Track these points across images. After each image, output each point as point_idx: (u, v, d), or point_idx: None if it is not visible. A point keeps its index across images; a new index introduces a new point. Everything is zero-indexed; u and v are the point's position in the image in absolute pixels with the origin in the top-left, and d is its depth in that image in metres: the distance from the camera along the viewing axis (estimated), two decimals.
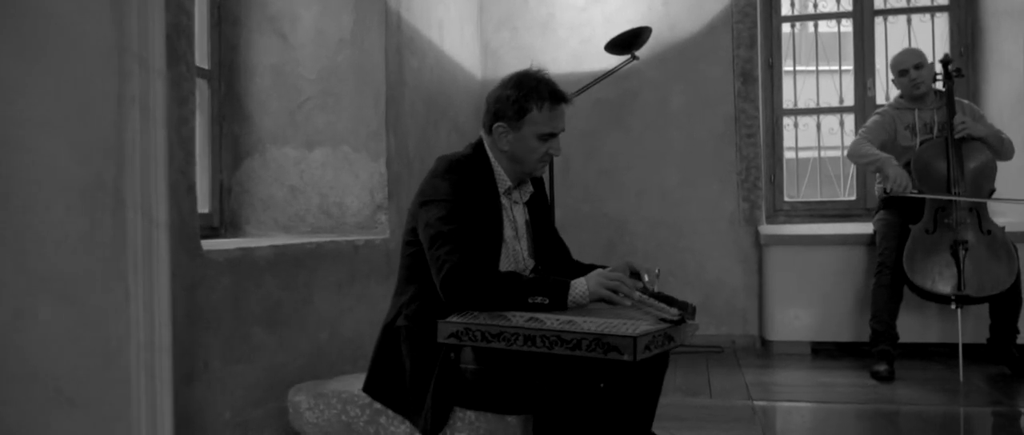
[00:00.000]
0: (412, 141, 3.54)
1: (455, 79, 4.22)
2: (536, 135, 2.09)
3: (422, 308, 2.08)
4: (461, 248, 1.92)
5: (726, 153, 4.50)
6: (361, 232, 3.22)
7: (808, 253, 4.16)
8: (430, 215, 2.00)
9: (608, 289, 1.92)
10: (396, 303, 2.16)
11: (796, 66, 5.24)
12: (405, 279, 2.16)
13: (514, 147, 2.10)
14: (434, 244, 1.96)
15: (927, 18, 4.91)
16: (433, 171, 2.09)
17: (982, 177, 3.66)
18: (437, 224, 1.97)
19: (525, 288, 1.90)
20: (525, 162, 2.12)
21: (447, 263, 1.90)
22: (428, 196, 2.04)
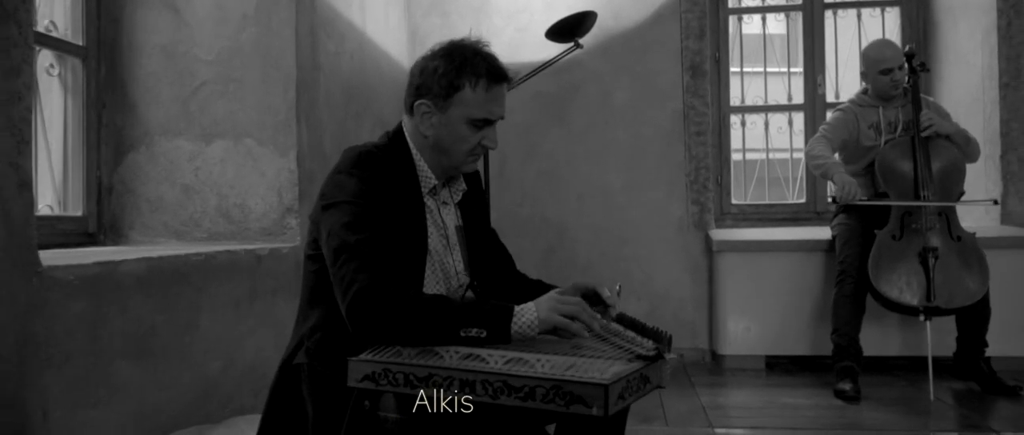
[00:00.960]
0: (328, 135, 3.09)
1: (379, 67, 3.78)
2: (467, 120, 1.68)
3: (328, 340, 1.65)
4: (372, 264, 1.51)
5: (674, 153, 4.17)
6: (267, 239, 2.76)
7: (761, 260, 3.86)
8: (333, 221, 1.58)
9: (564, 317, 1.52)
10: (297, 333, 1.73)
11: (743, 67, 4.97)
12: (308, 302, 1.73)
13: (439, 133, 1.70)
14: (338, 259, 1.54)
15: (877, 13, 4.70)
16: (338, 165, 1.67)
17: (951, 178, 3.42)
18: (342, 233, 1.55)
19: (456, 316, 1.48)
20: (451, 153, 1.72)
21: (355, 284, 1.49)
22: (331, 197, 1.62)
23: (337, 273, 1.53)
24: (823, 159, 3.50)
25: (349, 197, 1.60)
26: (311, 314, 1.70)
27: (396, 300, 1.49)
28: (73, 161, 2.66)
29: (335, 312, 1.61)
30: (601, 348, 1.52)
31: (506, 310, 1.51)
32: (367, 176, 1.62)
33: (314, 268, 1.71)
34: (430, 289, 1.73)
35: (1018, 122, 3.93)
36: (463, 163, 1.74)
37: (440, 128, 1.69)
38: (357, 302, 1.48)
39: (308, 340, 1.68)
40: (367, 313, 1.48)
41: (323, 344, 1.66)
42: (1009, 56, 3.93)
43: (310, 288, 1.73)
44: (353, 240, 1.54)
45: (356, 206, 1.58)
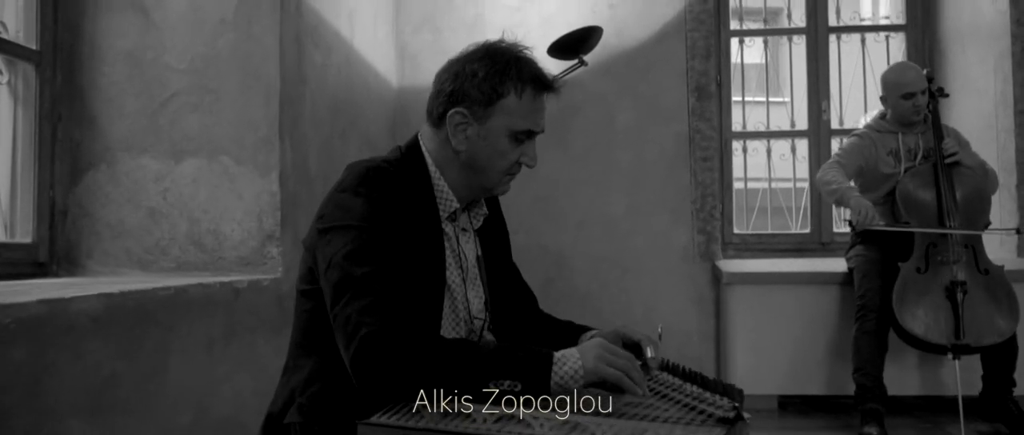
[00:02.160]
0: (313, 154, 2.80)
1: (367, 84, 3.51)
2: (509, 132, 1.43)
3: (327, 395, 1.37)
4: (381, 303, 1.24)
5: (679, 178, 3.94)
6: (245, 270, 2.45)
7: (773, 293, 3.62)
8: (334, 250, 1.31)
9: (615, 369, 1.26)
10: (287, 384, 1.44)
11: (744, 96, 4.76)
12: (301, 347, 1.45)
13: (475, 147, 1.44)
14: (341, 297, 1.27)
15: (882, 38, 4.54)
16: (341, 183, 1.40)
17: (976, 208, 3.22)
18: (345, 264, 1.28)
19: (485, 366, 1.22)
20: (487, 171, 1.46)
21: (361, 328, 1.22)
22: (332, 219, 1.35)
23: (339, 314, 1.26)
24: (837, 184, 3.29)
25: (355, 220, 1.32)
26: (305, 362, 1.42)
27: (411, 348, 1.21)
28: (22, 180, 2.35)
29: (335, 360, 1.33)
30: (663, 407, 1.25)
31: (544, 358, 1.24)
32: (377, 196, 1.35)
33: (309, 306, 1.43)
34: (447, 331, 1.45)
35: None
36: (498, 183, 1.48)
37: (477, 141, 1.43)
38: (364, 351, 1.20)
39: (301, 394, 1.39)
40: (376, 364, 1.20)
41: (320, 400, 1.37)
42: (1023, 83, 3.77)
43: (304, 330, 1.44)
44: (359, 273, 1.27)
45: (363, 232, 1.31)
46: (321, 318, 1.38)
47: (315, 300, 1.40)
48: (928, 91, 3.39)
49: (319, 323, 1.39)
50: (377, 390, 1.21)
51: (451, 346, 1.24)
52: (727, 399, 1.28)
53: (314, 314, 1.41)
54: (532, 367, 1.22)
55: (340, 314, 1.25)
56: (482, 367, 1.21)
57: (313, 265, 1.39)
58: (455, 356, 1.22)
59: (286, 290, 2.49)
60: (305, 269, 1.43)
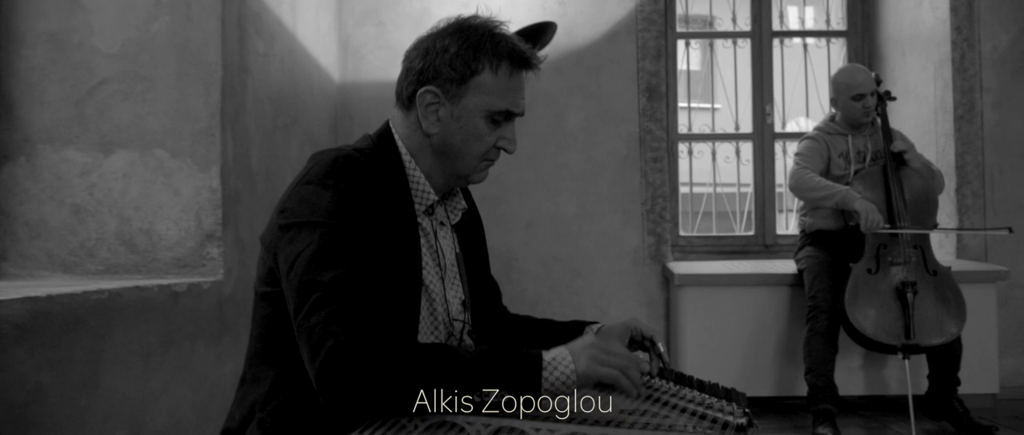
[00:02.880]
0: (255, 148, 2.63)
1: (310, 77, 3.34)
2: (485, 112, 1.31)
3: (290, 411, 1.23)
4: (350, 311, 1.12)
5: (630, 179, 3.89)
6: (182, 272, 2.27)
7: (723, 295, 3.59)
8: (298, 250, 1.17)
9: (610, 368, 1.15)
10: (245, 397, 1.29)
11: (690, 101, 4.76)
12: (259, 356, 1.30)
13: (448, 129, 1.32)
14: (305, 303, 1.13)
15: (823, 43, 4.60)
16: (306, 173, 1.26)
17: (925, 208, 3.25)
18: (310, 267, 1.15)
19: (470, 374, 1.10)
20: (462, 156, 1.34)
21: (328, 339, 1.09)
22: (296, 215, 1.21)
23: (303, 323, 1.12)
24: (831, 187, 3.25)
25: (321, 217, 1.18)
26: (265, 373, 1.27)
27: (383, 361, 1.08)
28: None
29: (300, 371, 1.19)
30: (666, 414, 1.16)
31: (534, 360, 1.12)
32: (346, 189, 1.21)
33: (268, 311, 1.28)
34: (425, 335, 1.33)
35: (972, 155, 3.85)
36: (474, 170, 1.36)
37: (450, 123, 1.31)
38: (330, 365, 1.07)
39: (262, 409, 1.24)
40: (344, 380, 1.07)
41: (284, 415, 1.23)
42: (963, 89, 3.86)
43: (263, 337, 1.30)
44: (326, 278, 1.13)
45: (330, 230, 1.17)
46: (283, 324, 1.24)
47: (276, 304, 1.26)
48: (877, 94, 3.43)
49: (281, 330, 1.25)
50: (346, 408, 1.08)
51: (429, 353, 1.11)
52: (734, 404, 1.19)
53: (275, 320, 1.27)
54: (521, 372, 1.11)
55: (304, 324, 1.11)
56: (467, 376, 1.09)
57: (274, 265, 1.25)
58: (435, 365, 1.09)
59: (228, 294, 2.32)
60: (265, 270, 1.29)
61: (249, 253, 2.50)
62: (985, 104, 3.84)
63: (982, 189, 3.82)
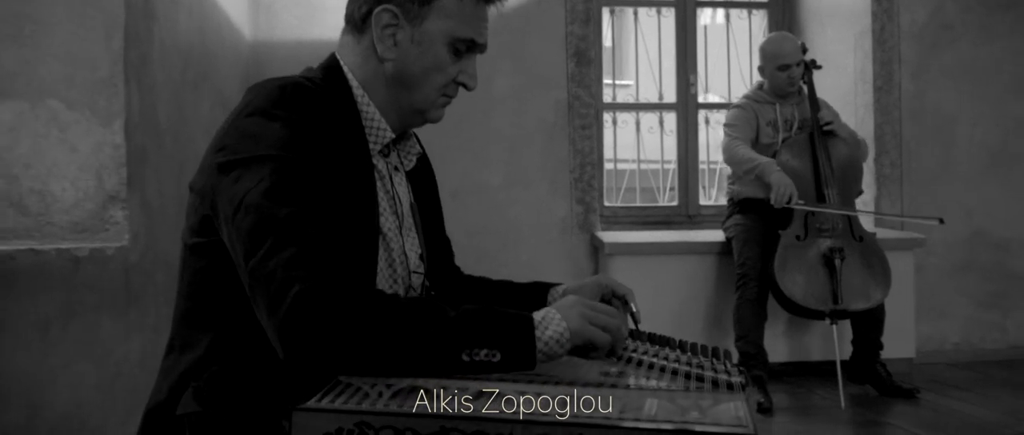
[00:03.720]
0: (163, 104, 2.39)
1: (220, 31, 3.09)
2: (448, 38, 1.17)
3: (231, 373, 1.07)
4: (315, 253, 0.97)
5: (558, 147, 3.79)
6: (81, 237, 2.03)
7: (652, 264, 3.56)
8: (246, 188, 1.01)
9: (602, 330, 1.05)
10: (174, 365, 1.12)
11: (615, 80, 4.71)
12: (190, 318, 1.13)
13: (406, 56, 1.17)
14: (260, 245, 0.97)
15: (745, 14, 4.62)
16: (247, 105, 1.10)
17: (851, 176, 3.30)
18: (264, 204, 0.99)
19: (455, 331, 0.96)
20: (421, 87, 1.19)
21: (293, 284, 0.93)
22: (240, 151, 1.05)
23: (259, 268, 0.96)
24: (753, 159, 3.25)
25: (272, 149, 1.03)
26: (199, 337, 1.10)
27: (359, 310, 0.94)
28: None
29: (242, 331, 1.05)
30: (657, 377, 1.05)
31: (523, 321, 1.00)
32: (297, 120, 1.06)
33: (200, 266, 1.12)
34: (383, 288, 1.19)
35: (891, 126, 3.93)
36: (432, 105, 1.22)
37: (409, 48, 1.16)
38: (298, 314, 0.92)
39: (197, 378, 1.08)
40: (315, 331, 0.92)
41: (224, 382, 1.07)
42: (883, 60, 3.93)
43: (195, 296, 1.13)
44: (282, 215, 0.98)
45: (283, 163, 1.02)
46: (220, 279, 1.08)
47: (210, 257, 1.09)
48: (804, 63, 3.44)
49: (217, 286, 1.09)
50: (312, 364, 0.93)
51: (407, 307, 0.98)
52: (727, 363, 1.10)
53: (209, 275, 1.10)
54: (512, 331, 0.98)
55: (260, 269, 0.96)
56: (450, 333, 0.95)
57: (209, 212, 1.08)
58: (415, 319, 0.95)
59: (135, 262, 2.10)
60: (197, 218, 1.11)
61: (157, 218, 2.28)
62: (903, 75, 3.92)
63: (900, 159, 3.91)
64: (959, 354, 3.86)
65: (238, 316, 1.06)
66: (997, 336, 3.90)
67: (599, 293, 1.32)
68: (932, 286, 3.84)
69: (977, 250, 3.92)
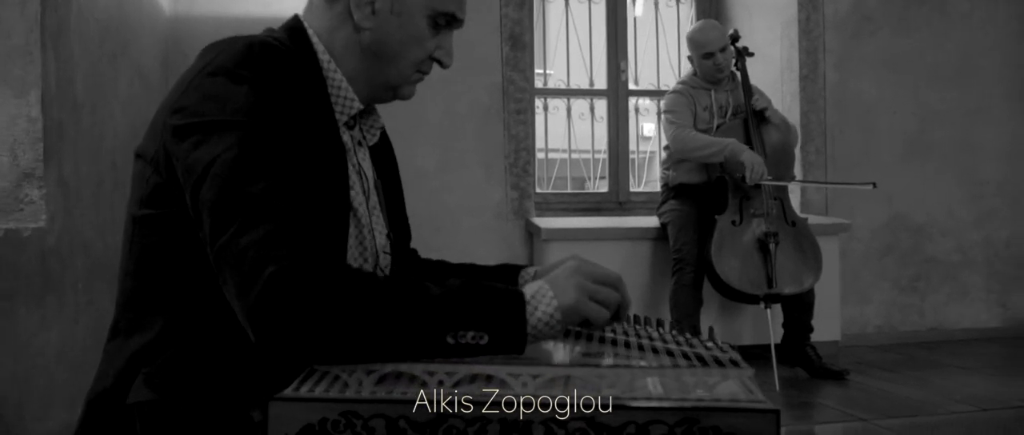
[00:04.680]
0: (82, 76, 2.22)
1: (140, 6, 2.90)
2: (429, 11, 1.10)
3: (185, 359, 0.97)
4: (289, 232, 0.88)
5: (493, 132, 3.73)
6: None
7: (589, 249, 3.53)
8: (209, 156, 0.92)
9: (599, 306, 0.99)
10: (120, 350, 1.02)
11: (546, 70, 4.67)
12: (136, 298, 1.03)
13: (385, 27, 1.09)
14: (228, 224, 0.88)
15: (673, 3, 4.65)
16: (209, 64, 1.00)
17: (784, 160, 3.36)
18: (232, 179, 0.90)
19: (443, 311, 0.89)
20: (397, 61, 1.12)
21: (268, 264, 0.85)
22: (201, 113, 0.95)
23: (228, 247, 0.87)
24: (715, 145, 3.25)
25: (239, 115, 0.94)
26: (149, 319, 1.00)
27: (339, 291, 0.86)
28: None
29: (203, 314, 0.96)
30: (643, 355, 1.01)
31: (513, 297, 0.93)
32: (266, 83, 0.97)
33: (152, 240, 1.01)
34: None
35: (816, 114, 4.03)
36: (405, 80, 1.15)
37: (388, 18, 1.08)
38: (273, 295, 0.84)
39: (148, 363, 0.98)
40: (291, 313, 0.84)
41: (179, 370, 0.97)
42: (808, 49, 4.02)
43: (141, 274, 1.02)
44: (257, 190, 0.89)
45: (252, 132, 0.93)
46: (173, 255, 0.99)
47: (162, 231, 0.99)
48: (736, 50, 3.48)
49: (171, 262, 0.99)
50: (290, 350, 0.84)
51: (390, 286, 0.90)
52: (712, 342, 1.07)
53: (162, 250, 1.00)
54: (501, 310, 0.91)
55: (230, 246, 0.86)
56: (435, 313, 0.88)
57: (161, 180, 0.98)
58: (398, 300, 0.88)
59: (52, 245, 1.93)
60: (146, 189, 1.00)
61: (74, 199, 2.11)
62: (827, 65, 4.02)
63: (824, 146, 4.01)
64: (881, 336, 3.99)
65: (196, 295, 0.97)
66: (916, 319, 4.06)
67: None
68: (855, 270, 3.96)
69: (897, 235, 4.06)
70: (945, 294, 4.11)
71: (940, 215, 4.11)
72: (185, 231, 0.96)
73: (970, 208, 4.15)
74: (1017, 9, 4.20)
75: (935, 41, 4.12)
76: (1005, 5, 4.18)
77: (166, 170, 0.96)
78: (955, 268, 4.12)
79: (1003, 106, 4.19)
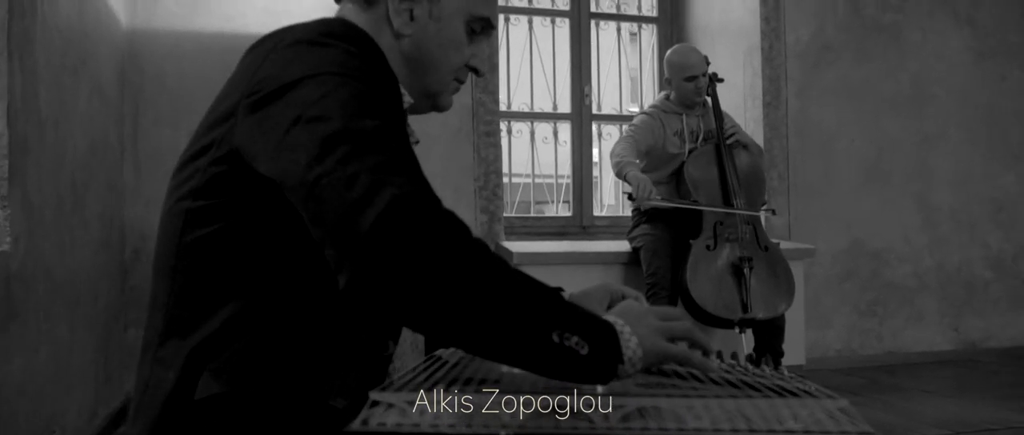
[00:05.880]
0: (45, 89, 2.08)
1: (99, 17, 2.75)
2: (467, 17, 1.07)
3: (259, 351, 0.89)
4: (408, 164, 0.84)
5: (462, 154, 3.67)
6: None
7: (563, 274, 3.47)
8: (304, 100, 0.84)
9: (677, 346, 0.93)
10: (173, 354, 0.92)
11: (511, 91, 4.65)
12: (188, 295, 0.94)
13: (424, 33, 1.05)
14: (332, 150, 0.80)
15: (636, 28, 4.70)
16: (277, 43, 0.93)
17: (755, 186, 3.38)
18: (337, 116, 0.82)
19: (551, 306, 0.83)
20: (437, 68, 1.07)
21: (388, 187, 0.77)
22: (287, 77, 0.88)
23: (333, 173, 0.79)
24: (622, 158, 3.26)
25: (334, 68, 0.88)
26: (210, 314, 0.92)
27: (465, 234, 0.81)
28: None
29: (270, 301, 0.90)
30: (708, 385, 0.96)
31: (606, 326, 0.86)
32: (356, 51, 0.92)
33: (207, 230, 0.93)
34: None
35: (779, 141, 4.08)
36: (445, 88, 1.11)
37: (427, 23, 1.05)
38: (397, 216, 0.76)
39: (213, 358, 0.88)
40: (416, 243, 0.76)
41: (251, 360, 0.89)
42: (771, 77, 4.08)
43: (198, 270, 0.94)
44: (368, 126, 0.82)
45: (352, 79, 0.87)
46: (235, 243, 0.91)
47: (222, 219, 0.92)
48: (707, 75, 3.51)
49: (231, 251, 0.92)
50: (402, 290, 0.76)
51: (502, 261, 0.83)
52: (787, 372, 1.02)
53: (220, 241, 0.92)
54: (599, 331, 0.85)
55: (333, 173, 0.78)
56: (548, 302, 0.82)
57: (223, 169, 0.90)
58: (515, 273, 0.83)
59: (15, 270, 1.79)
60: (201, 180, 0.93)
61: (38, 220, 1.97)
62: (789, 92, 4.09)
63: (787, 172, 4.06)
64: (841, 360, 4.04)
65: (265, 281, 0.90)
66: (874, 343, 4.13)
67: (606, 300, 1.21)
68: (817, 295, 4.01)
69: (856, 260, 4.13)
70: (902, 318, 4.20)
71: (897, 241, 4.20)
72: (248, 215, 0.90)
73: (925, 234, 4.26)
74: (968, 39, 4.35)
75: (890, 70, 4.23)
76: (956, 35, 4.33)
77: (229, 157, 0.89)
78: (911, 293, 4.21)
79: (956, 134, 4.32)
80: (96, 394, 2.60)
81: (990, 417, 2.98)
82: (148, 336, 0.95)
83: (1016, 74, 4.41)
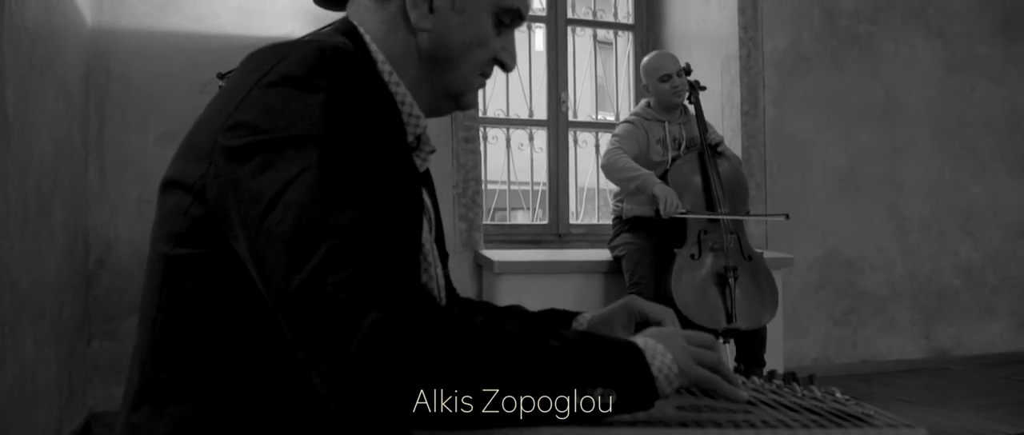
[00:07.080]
0: (12, 90, 1.96)
1: (65, 16, 2.62)
2: (494, 8, 0.97)
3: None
4: (391, 269, 0.73)
5: (441, 161, 3.59)
6: None
7: (543, 283, 3.44)
8: (281, 178, 0.75)
9: (708, 370, 0.87)
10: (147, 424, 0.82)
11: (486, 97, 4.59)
12: (167, 356, 0.84)
13: (445, 27, 0.95)
14: (309, 255, 0.72)
15: (612, 35, 4.67)
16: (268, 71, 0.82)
17: (739, 194, 3.36)
18: (313, 204, 0.74)
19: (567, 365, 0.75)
20: (461, 65, 0.98)
21: (371, 308, 0.69)
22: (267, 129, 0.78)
23: (310, 286, 0.71)
24: (635, 171, 3.22)
25: (315, 128, 0.77)
26: (186, 384, 0.82)
27: (459, 344, 0.72)
28: None
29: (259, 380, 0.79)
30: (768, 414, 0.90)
31: (632, 350, 0.81)
32: (345, 93, 0.81)
33: (188, 285, 0.83)
34: None
35: (756, 149, 4.08)
36: (470, 86, 1.01)
37: (449, 16, 0.95)
38: (380, 350, 0.68)
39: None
40: (404, 370, 0.69)
41: None
42: (749, 86, 4.08)
43: (178, 328, 0.84)
44: (345, 220, 0.73)
45: (333, 149, 0.77)
46: (217, 307, 0.81)
47: (203, 276, 0.81)
48: (687, 81, 3.48)
49: (212, 314, 0.81)
50: (398, 417, 0.69)
51: (509, 340, 0.76)
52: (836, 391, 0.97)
53: (200, 299, 0.82)
54: (624, 365, 0.79)
55: (311, 287, 0.70)
56: (561, 368, 0.75)
57: (206, 213, 0.80)
58: (519, 353, 0.74)
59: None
60: (185, 223, 0.82)
61: (3, 230, 1.84)
62: (767, 101, 4.09)
63: (764, 180, 4.06)
64: (817, 368, 4.04)
65: (248, 357, 0.80)
66: (849, 351, 4.15)
67: (633, 321, 1.15)
68: (794, 304, 4.02)
69: (831, 269, 4.15)
70: (875, 327, 4.22)
71: (870, 250, 4.23)
72: (232, 276, 0.80)
73: (897, 243, 4.29)
74: (939, 51, 4.41)
75: (863, 81, 4.27)
76: (928, 46, 4.39)
77: (217, 200, 0.79)
78: (884, 301, 4.25)
79: (926, 144, 4.37)
80: (60, 412, 2.46)
81: (970, 426, 3.00)
82: (127, 388, 0.86)
83: (985, 86, 4.49)
